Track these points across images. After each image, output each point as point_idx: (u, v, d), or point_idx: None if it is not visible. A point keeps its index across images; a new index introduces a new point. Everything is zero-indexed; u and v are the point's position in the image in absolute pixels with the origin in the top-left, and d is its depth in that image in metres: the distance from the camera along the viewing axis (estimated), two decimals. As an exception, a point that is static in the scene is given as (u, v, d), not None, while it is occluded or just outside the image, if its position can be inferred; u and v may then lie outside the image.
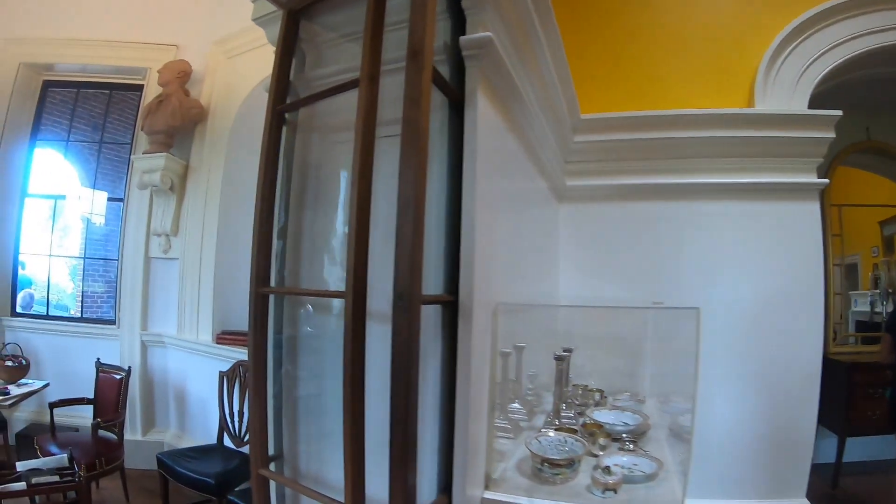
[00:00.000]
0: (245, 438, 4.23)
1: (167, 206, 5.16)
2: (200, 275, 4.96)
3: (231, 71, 5.06)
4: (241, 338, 4.64)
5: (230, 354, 4.60)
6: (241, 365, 4.38)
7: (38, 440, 4.29)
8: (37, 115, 5.86)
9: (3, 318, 5.70)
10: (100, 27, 5.47)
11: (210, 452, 4.18)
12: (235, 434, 4.31)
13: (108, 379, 4.64)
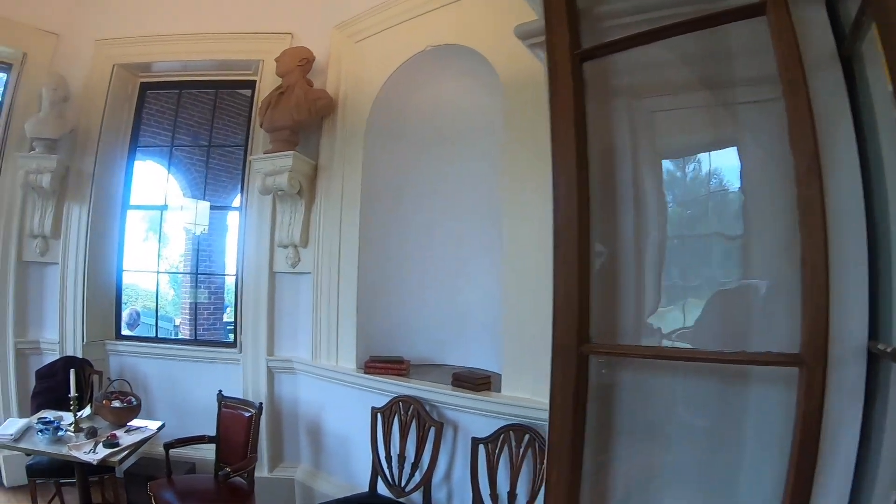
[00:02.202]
0: (407, 488, 3.57)
1: (294, 213, 4.51)
2: (339, 292, 4.29)
3: (360, 57, 4.41)
4: (394, 367, 3.97)
5: (380, 386, 3.93)
6: (402, 401, 3.71)
7: (151, 487, 3.70)
8: (135, 120, 5.36)
9: (107, 341, 5.14)
10: (202, 20, 4.94)
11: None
12: (394, 482, 3.64)
13: (233, 415, 4.02)
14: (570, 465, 1.73)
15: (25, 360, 4.97)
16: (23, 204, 4.96)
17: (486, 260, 4.22)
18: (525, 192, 3.35)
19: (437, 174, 4.45)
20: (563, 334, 1.66)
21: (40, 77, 4.92)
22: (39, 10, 4.99)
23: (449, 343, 4.44)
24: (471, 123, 4.27)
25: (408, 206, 4.47)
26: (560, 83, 1.72)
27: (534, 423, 3.13)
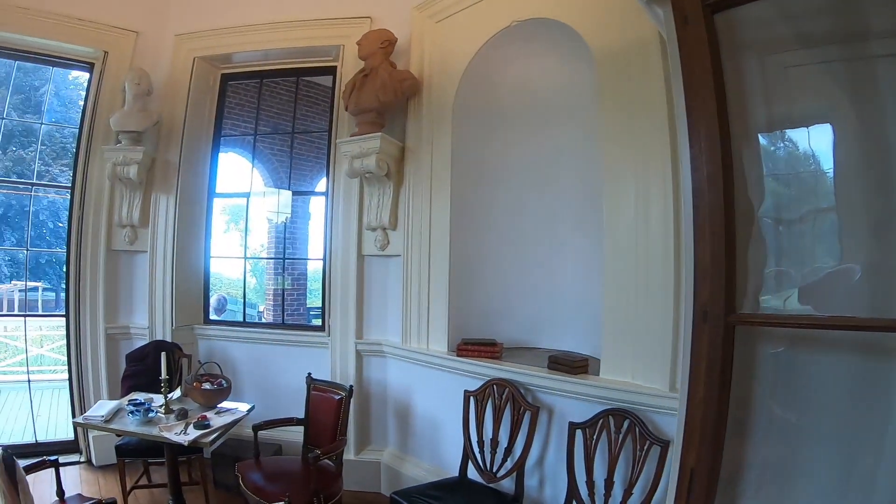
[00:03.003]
0: (499, 474, 3.48)
1: (382, 196, 4.47)
2: (430, 274, 4.23)
3: (442, 36, 4.33)
4: (487, 349, 3.87)
5: (472, 369, 3.85)
6: (496, 384, 3.61)
7: (239, 468, 3.73)
8: (218, 110, 5.44)
9: (195, 326, 5.26)
10: (279, 8, 4.97)
11: (455, 490, 3.50)
12: (485, 468, 3.56)
13: (322, 398, 4.00)
14: (712, 445, 1.62)
15: (115, 344, 5.14)
16: (111, 195, 5.11)
17: (581, 238, 4.09)
18: (625, 165, 3.22)
19: (527, 152, 4.33)
20: (709, 302, 1.54)
21: (122, 74, 5.06)
22: (119, 10, 5.12)
23: (541, 325, 4.33)
24: (560, 98, 4.14)
25: (498, 186, 4.37)
26: (692, 38, 1.61)
27: (634, 408, 3.01)
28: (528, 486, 3.44)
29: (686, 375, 1.66)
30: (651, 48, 3.09)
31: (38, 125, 15.19)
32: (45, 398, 7.41)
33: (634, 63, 3.20)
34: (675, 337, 2.96)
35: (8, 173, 13.30)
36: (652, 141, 3.09)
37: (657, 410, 2.96)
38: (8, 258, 15.69)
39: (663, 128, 3.02)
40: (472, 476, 3.65)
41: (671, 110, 2.98)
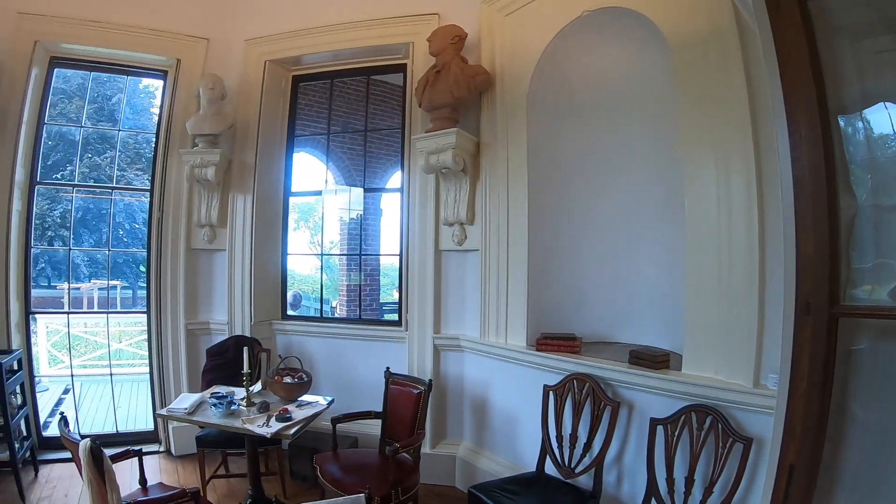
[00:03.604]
0: (577, 470, 3.48)
1: (459, 191, 4.51)
2: (509, 269, 4.24)
3: (512, 29, 4.33)
4: (566, 344, 3.86)
5: (552, 364, 3.84)
6: (576, 379, 3.61)
7: (317, 459, 3.83)
8: (290, 111, 5.62)
9: (273, 321, 5.44)
10: (347, 9, 5.06)
11: (533, 485, 3.51)
12: (563, 463, 3.57)
13: (401, 392, 4.07)
14: (813, 441, 1.60)
15: (196, 339, 5.39)
16: (189, 196, 5.35)
17: (658, 230, 4.04)
18: (705, 155, 3.17)
19: (602, 143, 4.29)
20: (812, 293, 1.52)
21: (195, 80, 5.30)
22: (189, 19, 5.37)
23: (619, 319, 4.30)
24: (634, 87, 4.09)
25: (574, 178, 4.34)
26: (786, 24, 1.59)
27: (716, 405, 2.96)
28: (605, 482, 3.44)
29: (787, 369, 1.64)
30: (728, 36, 3.04)
31: (116, 132, 15.86)
32: (124, 390, 7.79)
33: (711, 51, 3.15)
34: (759, 331, 2.91)
35: (85, 178, 14.05)
36: (732, 130, 3.03)
37: (740, 407, 2.91)
38: (86, 258, 16.45)
39: (744, 116, 2.96)
40: (549, 471, 3.66)
41: (752, 98, 2.94)
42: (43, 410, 5.71)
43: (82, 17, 5.06)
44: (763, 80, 2.84)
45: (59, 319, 10.40)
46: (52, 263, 16.36)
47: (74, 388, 6.83)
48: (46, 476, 4.74)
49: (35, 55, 4.98)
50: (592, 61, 4.19)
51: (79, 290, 14.48)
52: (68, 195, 14.89)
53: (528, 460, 3.91)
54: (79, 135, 14.06)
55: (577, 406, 3.58)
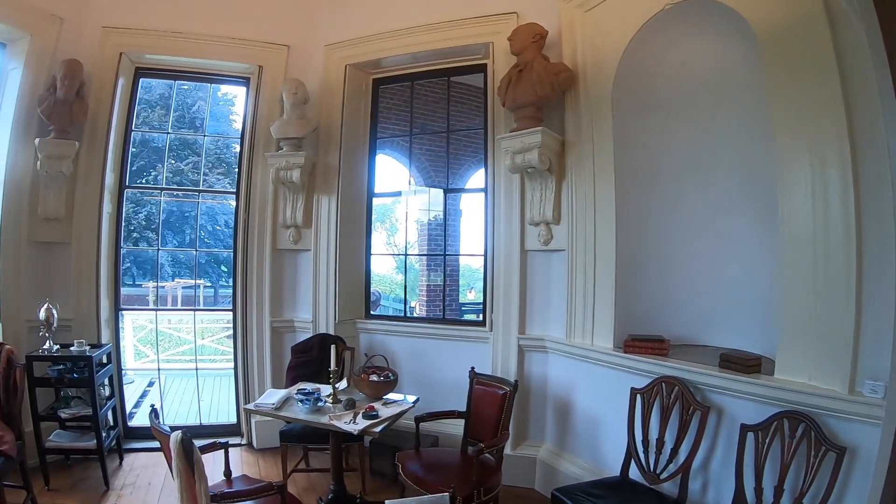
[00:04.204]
0: (662, 476, 3.46)
1: (545, 190, 4.53)
2: (596, 268, 4.23)
3: (593, 26, 4.32)
4: (654, 346, 3.82)
5: (639, 366, 3.83)
6: (665, 382, 3.58)
7: (399, 457, 3.94)
8: (372, 114, 5.79)
9: (357, 320, 5.62)
10: (425, 12, 5.17)
11: (617, 490, 3.50)
12: (648, 468, 3.54)
13: (485, 392, 4.12)
14: None
15: (280, 336, 5.65)
16: (275, 198, 5.61)
17: (748, 229, 3.95)
18: (799, 150, 3.09)
19: (688, 139, 4.21)
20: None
21: (277, 85, 5.54)
22: (270, 27, 5.62)
23: (707, 321, 4.20)
24: (720, 81, 4.00)
25: (661, 175, 4.28)
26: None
27: (809, 412, 2.88)
28: (690, 489, 3.38)
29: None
30: (818, 25, 2.95)
31: (199, 138, 16.73)
32: (206, 384, 8.10)
33: (799, 41, 3.06)
34: (855, 336, 2.82)
35: (168, 183, 14.92)
36: (826, 123, 2.94)
37: (834, 414, 2.82)
38: (170, 258, 17.32)
39: (837, 109, 2.87)
40: (633, 476, 3.63)
41: (846, 90, 2.85)
42: (128, 402, 6.09)
43: (165, 29, 5.40)
44: (857, 70, 2.78)
45: (144, 315, 11.06)
46: (137, 263, 17.27)
47: (160, 381, 7.29)
48: (131, 464, 5.07)
49: (121, 66, 5.35)
50: (676, 56, 4.13)
51: (163, 289, 15.29)
52: (153, 198, 15.92)
53: (611, 464, 3.91)
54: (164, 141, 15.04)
55: (665, 410, 3.54)
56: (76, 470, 4.87)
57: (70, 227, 5.18)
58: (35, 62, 4.93)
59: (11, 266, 4.88)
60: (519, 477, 4.61)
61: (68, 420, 4.63)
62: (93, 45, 5.21)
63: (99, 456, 4.62)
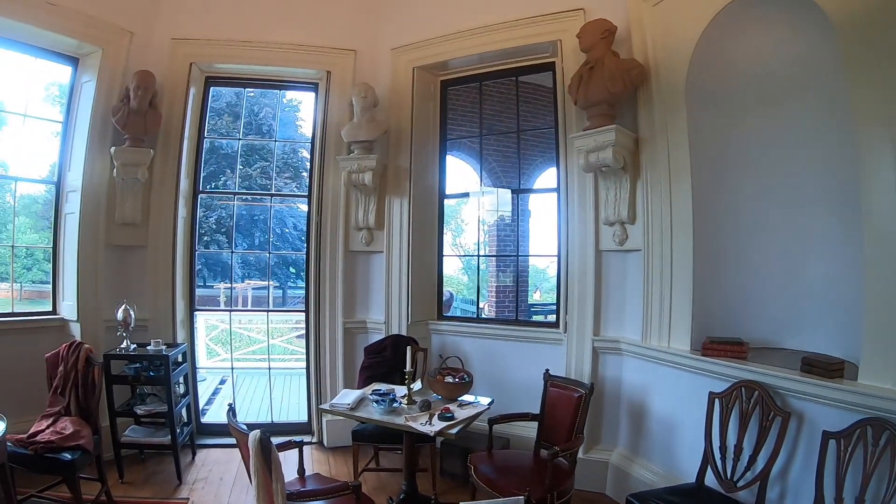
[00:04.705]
0: (739, 484, 3.39)
1: (619, 189, 4.49)
2: (672, 269, 4.17)
3: (662, 20, 4.26)
4: (733, 349, 3.74)
5: (717, 370, 3.74)
6: (745, 386, 3.51)
7: (471, 459, 3.97)
8: (441, 115, 5.89)
9: (429, 321, 5.73)
10: (491, 12, 5.21)
11: (692, 497, 3.45)
12: (725, 476, 3.48)
13: (560, 394, 4.11)
14: None
15: (352, 337, 5.81)
16: (346, 200, 5.77)
17: (829, 227, 3.80)
18: (884, 143, 2.98)
19: (766, 133, 4.09)
20: None
21: (345, 90, 5.71)
22: (337, 33, 5.79)
23: (786, 323, 4.07)
24: (796, 72, 3.88)
25: (737, 172, 4.17)
26: None
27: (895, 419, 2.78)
28: (767, 498, 3.31)
29: None
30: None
31: (267, 143, 17.35)
32: (276, 383, 8.31)
33: (881, 27, 2.98)
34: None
35: (237, 188, 15.50)
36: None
37: None
38: (240, 260, 18.00)
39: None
40: (708, 483, 3.57)
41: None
42: (201, 399, 6.39)
43: (233, 39, 5.65)
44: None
45: (215, 316, 11.55)
46: (208, 265, 17.92)
47: (233, 379, 7.59)
48: (203, 459, 5.31)
49: (191, 76, 5.64)
50: (751, 47, 4.01)
51: (234, 290, 15.94)
52: (222, 203, 16.62)
53: (686, 470, 3.86)
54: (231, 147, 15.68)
55: (744, 415, 3.46)
56: (149, 464, 5.14)
57: (146, 231, 5.50)
58: (107, 75, 5.25)
59: (90, 269, 5.21)
60: (590, 481, 4.60)
61: (144, 416, 4.92)
62: (163, 57, 5.51)
63: (173, 451, 4.85)
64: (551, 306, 5.54)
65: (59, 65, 5.33)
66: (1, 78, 5.18)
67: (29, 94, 5.32)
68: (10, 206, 13.66)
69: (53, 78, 5.69)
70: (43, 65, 5.25)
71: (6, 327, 5.02)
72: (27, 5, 4.75)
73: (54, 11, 4.87)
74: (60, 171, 5.37)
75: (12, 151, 5.65)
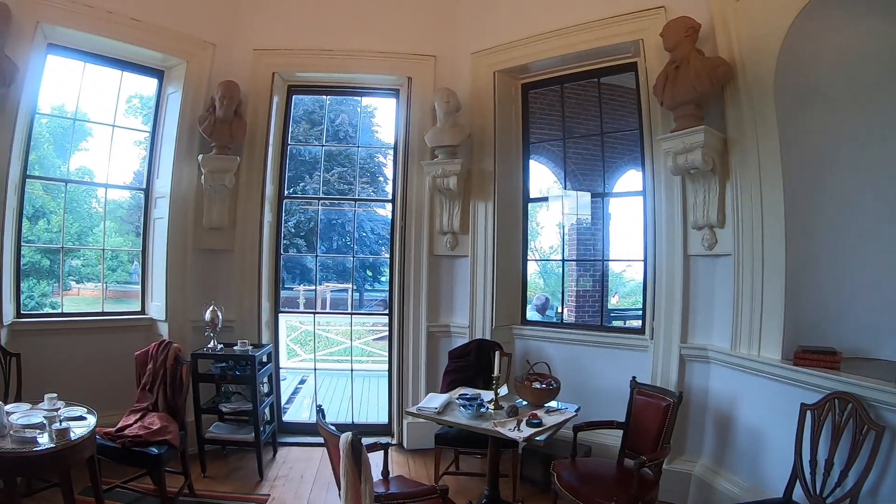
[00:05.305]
0: (828, 500, 3.23)
1: (708, 192, 4.36)
2: (764, 275, 4.02)
3: (746, 15, 4.12)
4: (826, 359, 3.57)
5: (808, 380, 3.57)
6: (838, 398, 3.34)
7: (555, 466, 3.94)
8: (523, 119, 5.92)
9: (513, 326, 5.73)
10: (571, 13, 5.20)
11: None
12: (814, 491, 3.31)
13: (647, 403, 4.04)
14: None
15: (435, 341, 5.89)
16: (431, 205, 5.87)
17: None
18: None
19: (861, 132, 3.94)
20: None
21: (426, 95, 5.83)
22: (416, 40, 5.94)
23: (881, 332, 3.88)
24: (889, 67, 3.74)
25: (829, 173, 4.00)
26: None
27: None
28: None
29: None
30: None
31: (347, 149, 17.93)
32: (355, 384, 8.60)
33: None
34: None
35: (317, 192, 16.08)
36: None
37: None
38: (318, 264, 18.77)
39: None
40: (796, 498, 3.44)
41: None
42: (282, 398, 6.58)
43: (314, 48, 5.86)
44: None
45: (294, 317, 11.98)
46: (287, 267, 18.56)
47: (316, 380, 7.92)
48: (284, 457, 5.50)
49: (274, 85, 5.88)
50: (840, 41, 3.86)
51: (312, 292, 16.57)
52: (301, 208, 17.26)
53: (772, 485, 3.73)
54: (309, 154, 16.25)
55: (837, 429, 3.29)
56: (231, 460, 5.37)
57: (233, 235, 5.77)
58: (192, 86, 5.58)
59: (178, 272, 5.53)
60: (671, 493, 4.46)
61: (228, 414, 5.16)
62: (245, 67, 5.78)
63: (256, 448, 5.05)
64: (630, 311, 5.48)
65: (145, 77, 5.74)
66: (87, 91, 5.55)
67: (113, 105, 5.70)
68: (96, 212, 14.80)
69: (135, 90, 6.09)
70: (128, 77, 5.64)
71: (97, 326, 5.41)
72: (114, 22, 5.10)
73: (139, 27, 5.23)
74: (148, 178, 5.74)
75: (97, 160, 6.14)
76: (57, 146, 13.23)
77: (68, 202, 6.62)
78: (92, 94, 5.63)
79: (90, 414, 3.82)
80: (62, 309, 5.74)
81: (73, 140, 6.55)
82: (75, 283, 13.82)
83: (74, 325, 5.33)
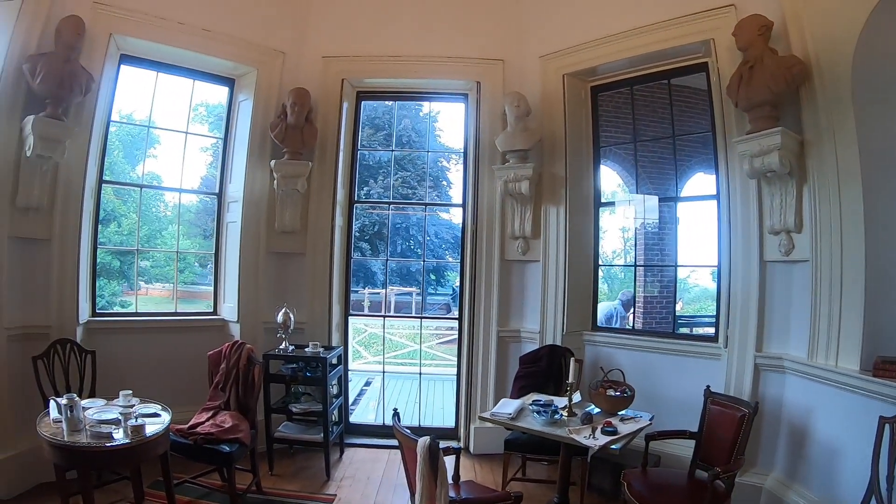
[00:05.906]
0: None
1: (785, 196, 4.25)
2: (843, 281, 3.89)
3: (820, 11, 3.99)
4: None
5: (890, 392, 3.41)
6: None
7: (625, 475, 3.93)
8: (593, 122, 5.91)
9: (584, 332, 5.72)
10: (639, 14, 5.18)
11: None
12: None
13: (722, 413, 3.97)
14: None
15: (505, 346, 5.96)
16: (502, 209, 5.94)
17: None
18: None
19: None
20: None
21: (494, 100, 5.92)
22: (484, 44, 6.03)
23: None
24: None
25: None
26: None
27: None
28: None
29: None
30: None
31: (411, 154, 18.27)
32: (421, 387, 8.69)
33: None
34: None
35: (380, 197, 16.71)
36: None
37: None
38: (381, 267, 19.06)
39: None
40: None
41: None
42: None
43: (382, 54, 6.01)
44: None
45: (360, 319, 12.25)
46: (352, 271, 19.14)
47: (384, 382, 8.09)
48: (350, 458, 5.65)
49: (343, 92, 6.06)
50: None
51: (378, 296, 16.84)
52: (366, 212, 17.80)
53: (846, 501, 3.61)
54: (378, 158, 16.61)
55: None
56: (298, 459, 5.54)
57: (304, 239, 5.98)
58: (263, 93, 5.81)
59: (251, 274, 5.74)
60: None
61: (298, 414, 5.32)
62: (314, 74, 5.98)
63: (324, 448, 5.20)
64: (697, 318, 5.37)
65: (217, 85, 6.01)
66: (159, 99, 5.84)
67: (183, 113, 6.02)
68: (164, 216, 15.32)
69: (202, 98, 6.38)
70: (199, 86, 5.92)
71: (170, 325, 5.67)
72: (186, 33, 5.36)
73: (210, 37, 5.47)
74: (221, 183, 5.98)
75: (165, 166, 6.59)
76: (126, 153, 13.84)
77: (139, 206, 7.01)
78: (162, 101, 5.94)
79: (164, 411, 3.99)
80: (135, 308, 6.06)
81: (145, 147, 6.85)
82: (144, 284, 14.50)
83: (147, 325, 5.60)
